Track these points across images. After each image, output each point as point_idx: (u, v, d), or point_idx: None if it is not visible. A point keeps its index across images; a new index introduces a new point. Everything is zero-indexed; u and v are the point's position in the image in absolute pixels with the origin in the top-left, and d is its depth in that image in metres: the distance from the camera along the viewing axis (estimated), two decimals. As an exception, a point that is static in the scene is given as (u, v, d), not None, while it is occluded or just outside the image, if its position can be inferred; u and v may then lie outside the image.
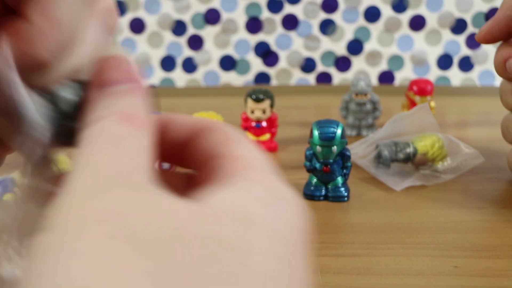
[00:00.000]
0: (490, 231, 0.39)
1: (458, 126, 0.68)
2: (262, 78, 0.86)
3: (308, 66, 0.85)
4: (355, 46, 0.83)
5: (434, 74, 0.83)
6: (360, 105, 0.61)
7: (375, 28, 0.82)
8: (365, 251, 0.36)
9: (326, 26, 0.83)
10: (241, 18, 0.83)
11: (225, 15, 0.83)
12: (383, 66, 0.84)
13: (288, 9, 0.83)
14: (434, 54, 0.82)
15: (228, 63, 0.85)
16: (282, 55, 0.85)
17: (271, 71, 0.85)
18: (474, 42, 0.81)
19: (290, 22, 0.83)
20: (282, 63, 0.85)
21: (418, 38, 0.82)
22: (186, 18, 0.84)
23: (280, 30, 0.84)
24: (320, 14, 0.82)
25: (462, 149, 0.49)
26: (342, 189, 0.44)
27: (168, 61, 0.86)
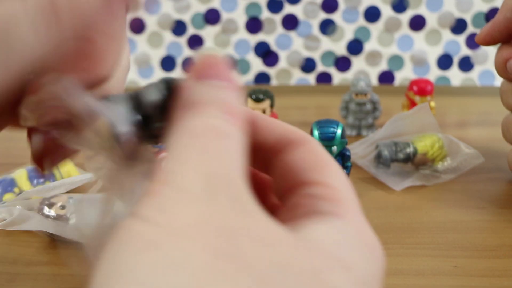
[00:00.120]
0: (490, 231, 0.39)
1: (458, 126, 0.68)
2: (262, 78, 0.86)
3: (308, 66, 0.85)
4: (355, 46, 0.83)
5: (434, 74, 0.83)
6: (360, 105, 0.61)
7: (375, 28, 0.82)
8: (365, 251, 0.36)
9: (326, 26, 0.83)
10: (241, 18, 0.83)
11: (225, 15, 0.83)
12: (383, 66, 0.84)
13: (288, 9, 0.83)
14: (434, 54, 0.82)
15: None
16: (282, 55, 0.85)
17: (271, 71, 0.85)
18: (474, 42, 0.81)
19: (290, 22, 0.83)
20: (282, 63, 0.85)
21: (418, 38, 0.82)
22: (186, 18, 0.84)
23: (280, 30, 0.84)
24: (320, 14, 0.82)
25: (462, 149, 0.49)
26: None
27: (168, 61, 0.86)
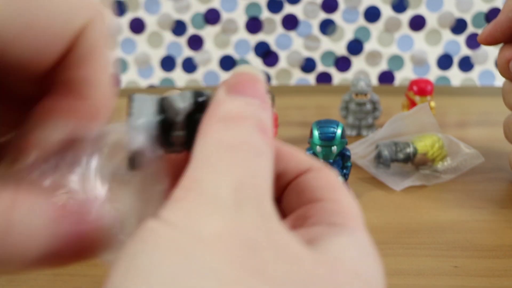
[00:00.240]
0: (490, 231, 0.39)
1: (458, 126, 0.68)
2: (262, 78, 0.86)
3: (308, 66, 0.85)
4: (355, 46, 0.83)
5: (434, 74, 0.83)
6: (360, 105, 0.61)
7: (375, 28, 0.82)
8: (365, 251, 0.36)
9: (326, 26, 0.83)
10: (241, 18, 0.83)
11: (225, 15, 0.83)
12: (383, 66, 0.84)
13: (288, 9, 0.83)
14: (434, 54, 0.82)
15: (228, 63, 0.85)
16: (282, 55, 0.85)
17: (271, 71, 0.85)
18: (474, 42, 0.81)
19: (290, 22, 0.83)
20: (282, 63, 0.85)
21: (418, 38, 0.82)
22: (186, 18, 0.84)
23: (280, 30, 0.84)
24: (320, 14, 0.82)
25: (462, 149, 0.49)
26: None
27: (168, 61, 0.86)
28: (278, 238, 0.14)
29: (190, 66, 0.86)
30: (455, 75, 0.82)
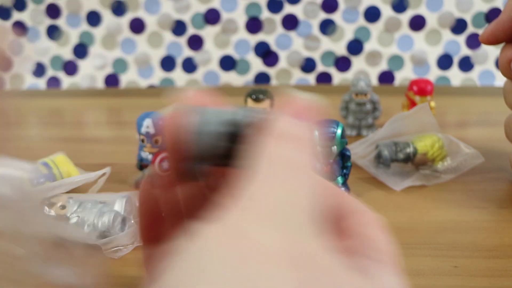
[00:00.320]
0: (490, 231, 0.39)
1: (458, 126, 0.68)
2: (262, 78, 0.86)
3: (308, 66, 0.85)
4: (355, 46, 0.83)
5: (434, 74, 0.83)
6: (360, 105, 0.61)
7: (375, 28, 0.82)
8: (365, 251, 0.36)
9: (326, 26, 0.83)
10: (241, 18, 0.83)
11: (225, 15, 0.83)
12: (383, 66, 0.84)
13: (288, 9, 0.83)
14: (434, 54, 0.82)
15: (228, 63, 0.85)
16: (282, 55, 0.85)
17: (271, 71, 0.85)
18: (474, 42, 0.81)
19: (290, 22, 0.83)
20: (282, 63, 0.85)
21: (418, 38, 0.82)
22: (186, 18, 0.84)
23: (280, 30, 0.84)
24: (320, 14, 0.82)
25: (462, 149, 0.49)
26: (342, 189, 0.44)
27: (168, 61, 0.86)
28: (326, 258, 0.14)
29: (190, 66, 0.86)
30: (455, 75, 0.82)
